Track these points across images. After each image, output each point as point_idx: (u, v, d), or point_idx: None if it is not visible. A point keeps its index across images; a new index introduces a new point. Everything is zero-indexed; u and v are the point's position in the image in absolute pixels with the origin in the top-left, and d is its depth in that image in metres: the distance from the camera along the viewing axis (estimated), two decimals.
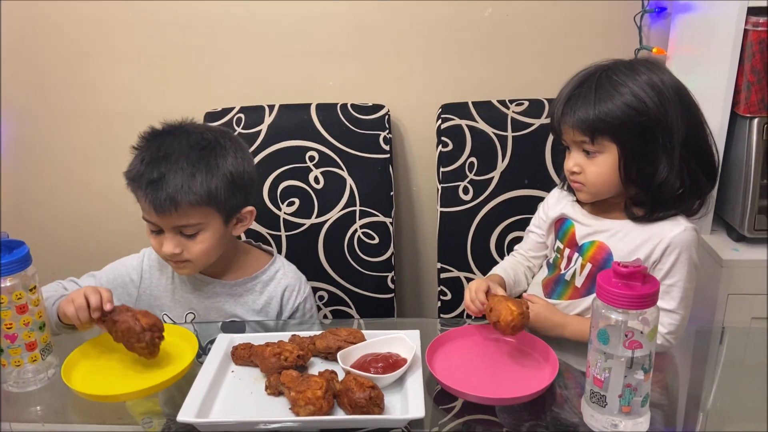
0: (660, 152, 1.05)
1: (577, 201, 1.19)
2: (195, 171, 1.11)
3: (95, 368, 1.03)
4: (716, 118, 1.36)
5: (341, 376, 0.95)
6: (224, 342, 1.06)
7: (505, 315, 0.99)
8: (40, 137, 1.78)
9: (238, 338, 1.08)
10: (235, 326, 1.21)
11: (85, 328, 1.05)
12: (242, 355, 1.03)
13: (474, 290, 1.08)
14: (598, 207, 1.16)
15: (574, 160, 1.10)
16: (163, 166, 1.10)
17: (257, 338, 1.07)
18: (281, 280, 1.27)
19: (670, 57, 1.59)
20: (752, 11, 1.29)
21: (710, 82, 1.38)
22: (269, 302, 1.26)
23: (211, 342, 1.09)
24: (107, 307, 1.02)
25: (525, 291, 1.29)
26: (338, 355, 0.99)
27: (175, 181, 1.09)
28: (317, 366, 1.02)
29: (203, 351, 1.08)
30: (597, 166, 1.08)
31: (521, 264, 1.29)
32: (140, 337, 0.99)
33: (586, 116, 1.05)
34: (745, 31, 1.30)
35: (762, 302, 1.37)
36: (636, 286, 0.81)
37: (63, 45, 1.70)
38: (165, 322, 1.22)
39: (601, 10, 1.62)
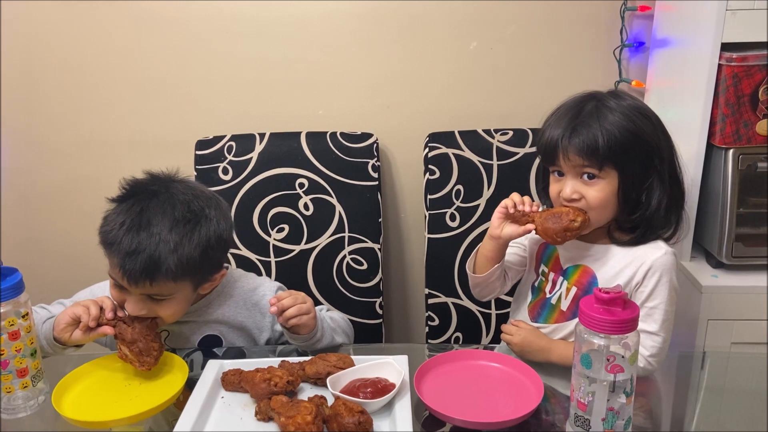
0: (656, 178, 1.09)
1: None
2: (177, 247, 1.04)
3: (86, 395, 1.03)
4: (693, 148, 1.40)
5: (330, 401, 0.96)
6: (214, 368, 1.07)
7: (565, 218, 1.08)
8: (32, 164, 1.79)
9: (228, 364, 1.08)
10: (212, 342, 1.22)
11: (89, 330, 1.07)
12: (232, 381, 1.03)
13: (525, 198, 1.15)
14: None
15: (572, 188, 1.10)
16: (143, 235, 1.03)
17: (247, 364, 1.07)
18: (245, 287, 1.26)
19: (649, 89, 1.64)
20: (726, 47, 1.34)
21: (687, 114, 1.43)
22: (240, 312, 1.24)
23: (187, 355, 1.13)
24: (121, 313, 1.08)
25: (497, 292, 1.30)
26: (327, 380, 1.00)
27: (154, 255, 1.03)
28: (307, 391, 1.03)
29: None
30: (598, 191, 1.09)
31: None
32: (156, 337, 1.05)
33: (594, 144, 1.06)
34: (719, 65, 1.35)
35: (741, 327, 1.40)
36: (617, 311, 0.84)
37: (56, 73, 1.72)
38: None
39: (581, 44, 1.68)
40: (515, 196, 1.15)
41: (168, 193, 1.08)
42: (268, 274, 1.63)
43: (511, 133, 1.62)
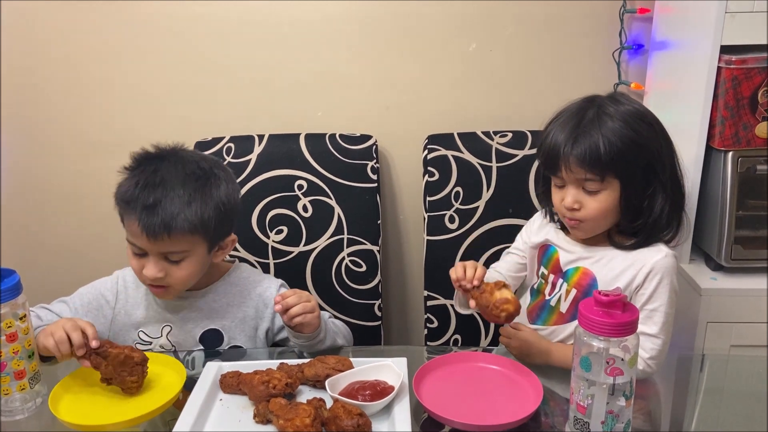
0: (658, 186, 1.09)
1: (562, 228, 1.22)
2: (191, 200, 1.12)
3: (82, 398, 1.03)
4: (692, 151, 1.40)
5: (329, 403, 0.96)
6: (212, 370, 1.07)
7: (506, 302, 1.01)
8: (32, 164, 1.79)
9: (227, 366, 1.08)
10: (213, 337, 1.23)
11: (65, 359, 1.05)
12: (230, 383, 1.03)
13: (473, 265, 1.08)
14: None
15: (573, 197, 1.10)
16: (159, 191, 1.11)
17: (246, 366, 1.07)
18: (249, 278, 1.29)
19: (648, 92, 1.64)
20: (725, 49, 1.34)
21: (686, 117, 1.43)
22: (244, 301, 1.26)
23: (189, 354, 1.13)
24: (94, 344, 1.02)
25: None
26: (326, 382, 1.00)
27: (171, 207, 1.10)
28: (305, 394, 1.02)
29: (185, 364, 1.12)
30: (599, 201, 1.09)
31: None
32: (133, 370, 1.01)
33: (596, 154, 1.05)
34: (719, 68, 1.35)
35: (740, 330, 1.40)
36: (616, 314, 0.84)
37: (56, 74, 1.72)
38: (142, 339, 1.24)
39: (580, 47, 1.67)
40: (458, 270, 1.08)
41: (177, 155, 1.18)
42: None
43: (510, 135, 1.62)
